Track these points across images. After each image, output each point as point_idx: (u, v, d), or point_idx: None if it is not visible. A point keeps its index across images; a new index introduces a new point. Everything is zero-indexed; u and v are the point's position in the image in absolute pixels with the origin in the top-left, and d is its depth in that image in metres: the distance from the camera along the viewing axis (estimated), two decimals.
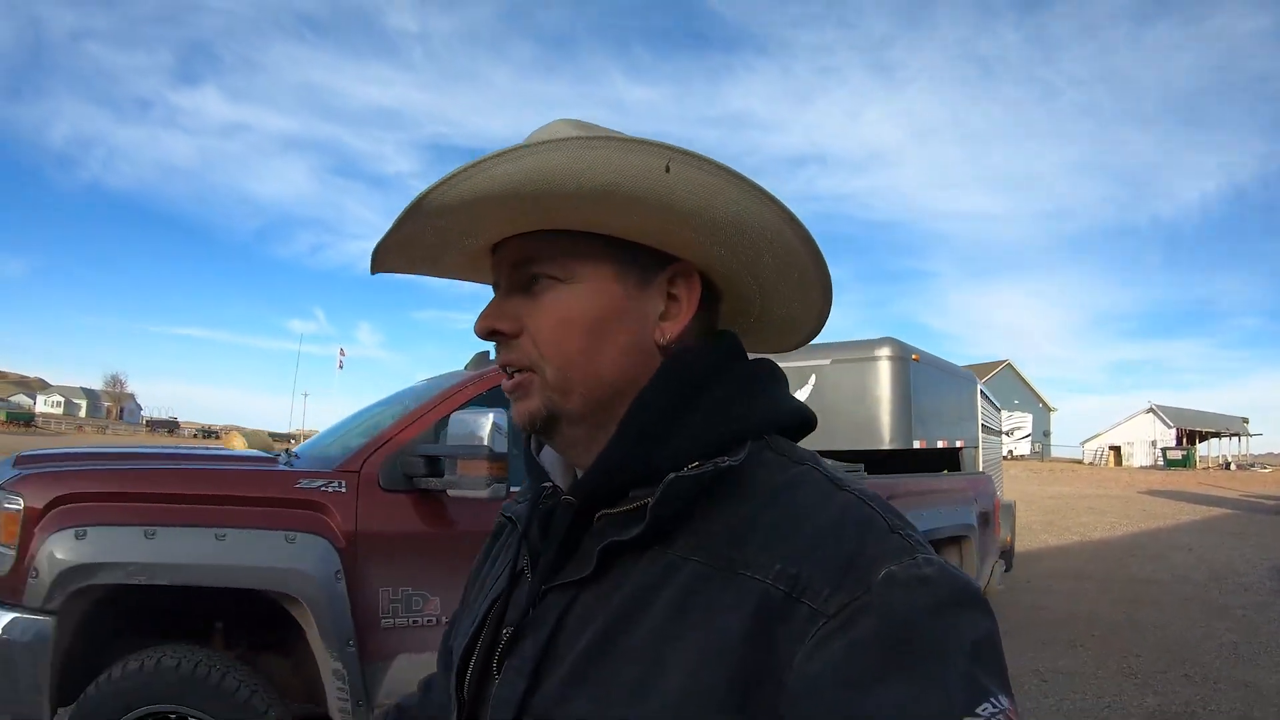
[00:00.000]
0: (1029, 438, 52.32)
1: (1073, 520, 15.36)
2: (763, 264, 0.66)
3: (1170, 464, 43.26)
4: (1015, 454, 47.47)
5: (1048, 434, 55.32)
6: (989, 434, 7.05)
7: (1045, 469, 32.62)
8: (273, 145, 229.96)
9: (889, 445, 5.26)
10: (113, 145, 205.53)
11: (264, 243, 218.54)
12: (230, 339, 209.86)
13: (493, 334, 0.67)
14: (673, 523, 0.60)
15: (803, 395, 5.22)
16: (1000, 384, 48.40)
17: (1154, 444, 49.49)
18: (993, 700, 0.48)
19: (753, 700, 0.51)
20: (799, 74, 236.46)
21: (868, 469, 4.60)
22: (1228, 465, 45.51)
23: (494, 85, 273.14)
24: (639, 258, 0.65)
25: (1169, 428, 50.23)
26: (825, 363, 5.45)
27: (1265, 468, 41.74)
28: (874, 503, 0.59)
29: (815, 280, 0.68)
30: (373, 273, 0.71)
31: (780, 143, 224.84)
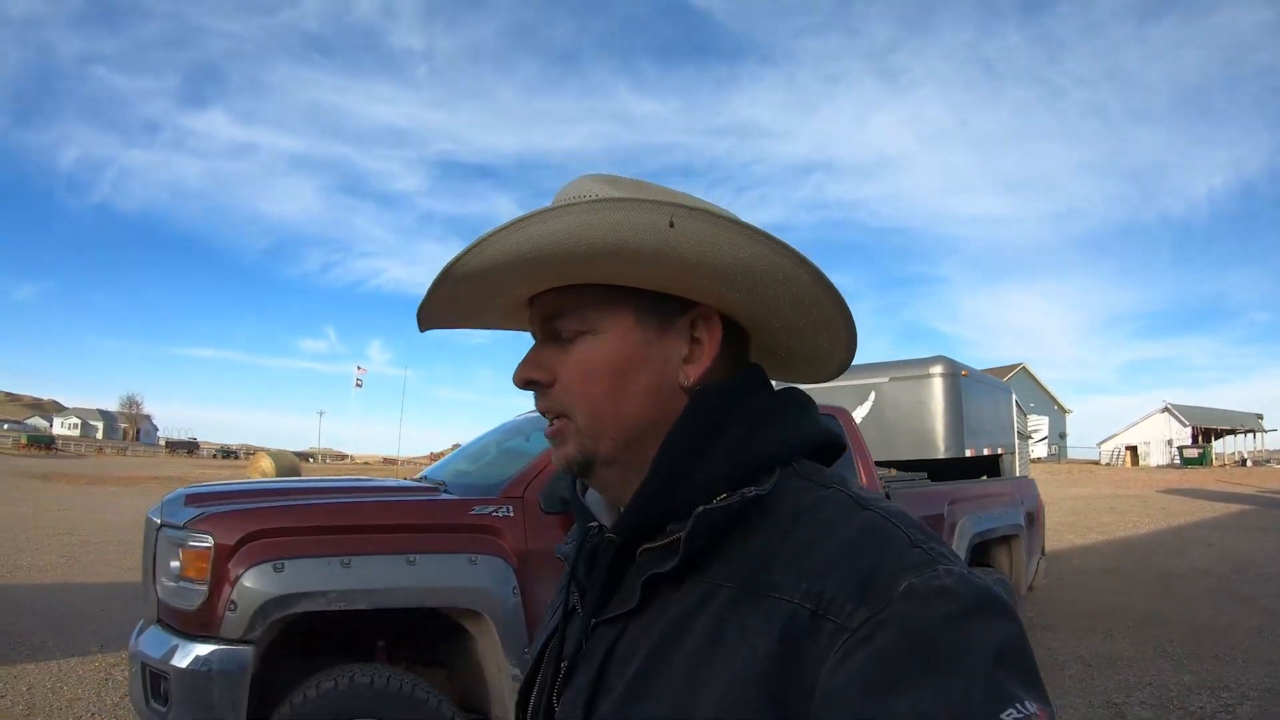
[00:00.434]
0: (1045, 440, 52.24)
1: (1095, 520, 15.52)
2: (780, 304, 0.69)
3: (1187, 462, 43.09)
4: (1033, 457, 47.21)
5: (1063, 436, 55.06)
6: (1021, 440, 7.56)
7: (1063, 471, 32.74)
8: (281, 165, 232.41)
9: (944, 454, 5.75)
10: (122, 168, 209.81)
11: (274, 262, 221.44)
12: (242, 358, 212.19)
13: (529, 384, 0.71)
14: (706, 553, 0.63)
15: (863, 411, 5.78)
16: (1016, 388, 47.44)
17: (1170, 443, 49.33)
18: (1018, 705, 0.47)
19: (785, 717, 0.52)
20: (804, 82, 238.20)
21: (930, 477, 5.12)
22: (1244, 462, 45.38)
23: (500, 101, 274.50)
24: (659, 306, 0.68)
25: (1184, 426, 50.15)
26: (884, 381, 5.97)
27: None
28: (896, 519, 0.59)
29: (835, 315, 0.70)
30: (421, 330, 0.76)
31: (788, 151, 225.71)
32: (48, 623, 6.08)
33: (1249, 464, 43.95)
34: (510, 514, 3.13)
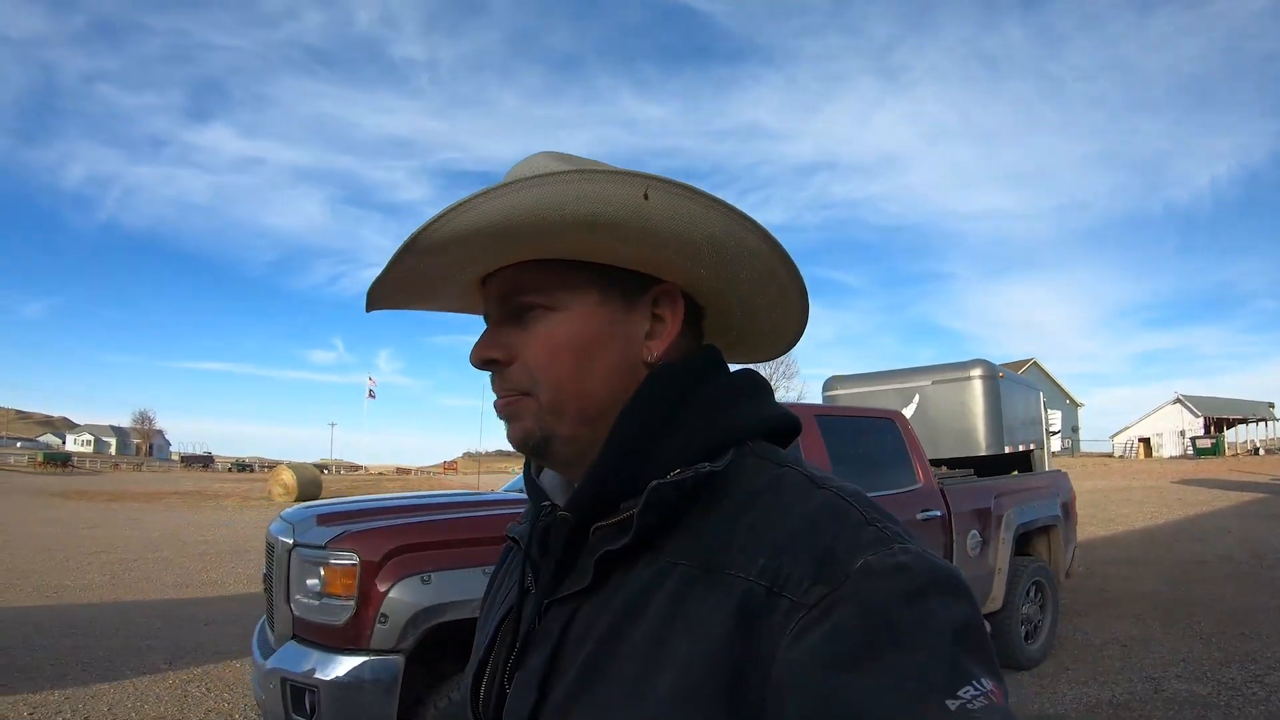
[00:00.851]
0: (1059, 434, 52.07)
1: (1114, 512, 15.73)
2: (741, 280, 0.69)
3: (1200, 453, 43.33)
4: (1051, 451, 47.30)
5: (1076, 429, 55.13)
6: (1048, 435, 7.94)
7: (1077, 464, 32.85)
8: (286, 178, 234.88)
9: (985, 451, 6.13)
10: (128, 185, 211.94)
11: (281, 275, 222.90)
12: (252, 371, 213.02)
13: (487, 363, 0.69)
14: (661, 530, 0.62)
15: (909, 413, 6.15)
16: None
17: (1183, 434, 49.62)
18: (975, 683, 0.47)
19: (742, 694, 0.52)
20: (806, 83, 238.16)
21: (977, 473, 5.48)
22: (1256, 450, 45.45)
23: (502, 109, 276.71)
24: (622, 282, 0.67)
25: (1196, 417, 50.38)
26: (927, 383, 6.39)
27: None
28: (852, 498, 0.59)
29: (792, 290, 0.71)
30: (367, 310, 0.73)
31: (791, 151, 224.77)
32: (109, 643, 6.10)
33: (1262, 452, 43.98)
34: None
